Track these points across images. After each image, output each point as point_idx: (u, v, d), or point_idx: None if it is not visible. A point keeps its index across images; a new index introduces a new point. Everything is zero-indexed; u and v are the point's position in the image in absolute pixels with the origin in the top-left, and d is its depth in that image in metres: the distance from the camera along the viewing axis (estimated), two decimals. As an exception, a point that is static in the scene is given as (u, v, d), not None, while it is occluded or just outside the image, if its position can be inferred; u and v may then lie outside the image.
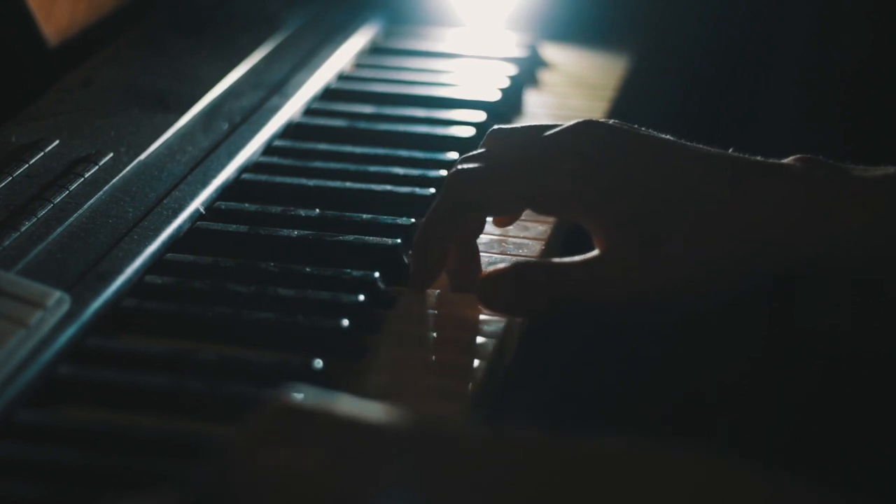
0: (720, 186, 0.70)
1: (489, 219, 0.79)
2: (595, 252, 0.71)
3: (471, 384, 0.68)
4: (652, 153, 0.71)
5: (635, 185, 0.71)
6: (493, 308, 0.73)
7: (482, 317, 0.73)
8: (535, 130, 0.75)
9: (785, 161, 0.72)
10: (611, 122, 0.73)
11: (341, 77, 1.03)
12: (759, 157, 0.72)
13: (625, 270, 0.70)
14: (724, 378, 0.97)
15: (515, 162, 0.73)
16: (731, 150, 0.72)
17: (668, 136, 0.73)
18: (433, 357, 0.70)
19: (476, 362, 0.69)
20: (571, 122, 0.74)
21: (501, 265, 0.73)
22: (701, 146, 0.72)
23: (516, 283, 0.72)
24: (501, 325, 0.72)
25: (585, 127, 0.73)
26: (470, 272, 0.75)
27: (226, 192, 0.84)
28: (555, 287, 0.71)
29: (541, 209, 0.75)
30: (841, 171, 0.71)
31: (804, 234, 0.69)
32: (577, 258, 0.72)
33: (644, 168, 0.71)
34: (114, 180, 0.81)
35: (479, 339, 0.72)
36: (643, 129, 0.73)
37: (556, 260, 0.72)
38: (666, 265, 0.70)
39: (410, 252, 0.75)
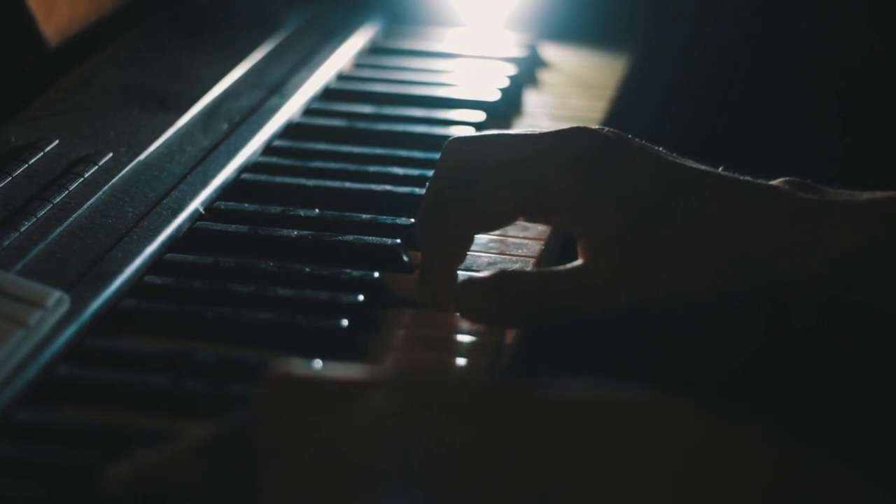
0: (703, 201, 0.70)
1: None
2: (578, 262, 0.71)
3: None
4: (641, 163, 0.71)
5: (621, 193, 0.70)
6: (472, 318, 0.72)
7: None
8: (512, 138, 0.74)
9: (772, 182, 0.71)
10: (605, 130, 0.73)
11: (341, 77, 1.03)
12: (747, 177, 0.71)
13: (608, 278, 0.70)
14: (721, 375, 0.97)
15: (507, 166, 0.73)
16: (720, 169, 0.72)
17: (659, 148, 0.73)
18: (433, 357, 0.70)
19: (476, 362, 0.69)
20: (564, 128, 0.73)
21: (480, 274, 0.73)
22: (690, 162, 0.72)
23: (497, 293, 0.71)
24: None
25: (576, 133, 0.73)
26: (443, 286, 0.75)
27: (225, 192, 0.84)
28: (536, 297, 0.71)
29: (532, 214, 0.75)
30: (827, 194, 0.70)
31: (784, 253, 0.69)
32: (558, 268, 0.71)
33: (631, 177, 0.71)
34: (113, 180, 0.81)
35: (479, 339, 0.72)
36: (636, 139, 0.73)
37: (538, 270, 0.72)
38: (646, 274, 0.69)
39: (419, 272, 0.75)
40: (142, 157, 0.84)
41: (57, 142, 0.84)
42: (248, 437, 0.51)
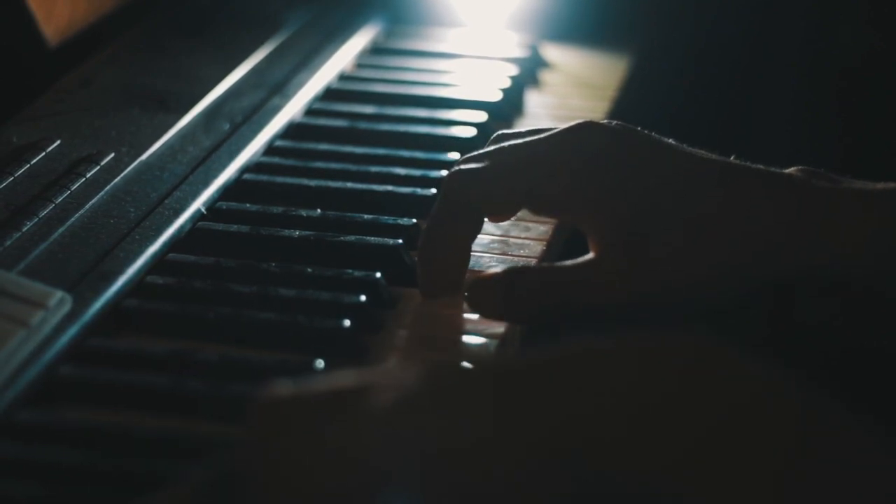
0: (714, 191, 0.69)
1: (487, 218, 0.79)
2: (588, 256, 0.71)
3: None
4: (650, 156, 0.71)
5: (630, 186, 0.70)
6: (483, 313, 0.72)
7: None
8: (538, 132, 0.74)
9: (786, 171, 0.71)
10: (613, 123, 0.73)
11: (342, 77, 1.03)
12: (760, 166, 0.71)
13: (616, 274, 0.69)
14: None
15: (513, 160, 0.73)
16: (732, 158, 0.72)
17: (669, 140, 0.72)
18: (434, 357, 0.70)
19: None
20: (572, 123, 0.73)
21: (491, 270, 0.73)
22: (701, 151, 0.72)
23: (507, 289, 0.71)
24: (502, 324, 0.72)
25: (585, 127, 0.72)
26: (453, 275, 0.74)
27: (227, 192, 0.84)
28: (546, 293, 0.71)
29: (537, 209, 0.74)
30: (840, 183, 0.70)
31: (798, 242, 0.68)
32: (569, 262, 0.71)
33: (640, 170, 0.70)
34: (115, 180, 0.81)
35: (480, 340, 0.72)
36: (644, 131, 0.73)
37: (548, 265, 0.72)
38: (655, 269, 0.69)
39: (417, 260, 0.75)
40: (143, 157, 0.84)
41: (58, 142, 0.84)
42: (243, 472, 0.48)
